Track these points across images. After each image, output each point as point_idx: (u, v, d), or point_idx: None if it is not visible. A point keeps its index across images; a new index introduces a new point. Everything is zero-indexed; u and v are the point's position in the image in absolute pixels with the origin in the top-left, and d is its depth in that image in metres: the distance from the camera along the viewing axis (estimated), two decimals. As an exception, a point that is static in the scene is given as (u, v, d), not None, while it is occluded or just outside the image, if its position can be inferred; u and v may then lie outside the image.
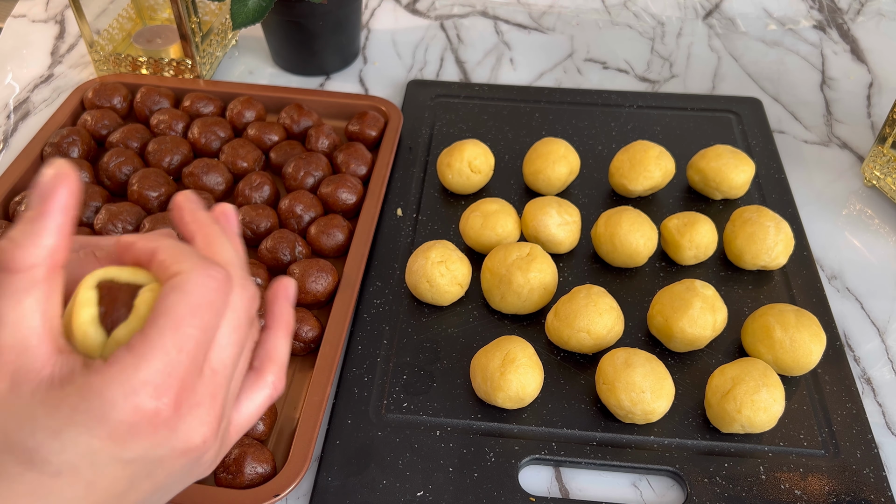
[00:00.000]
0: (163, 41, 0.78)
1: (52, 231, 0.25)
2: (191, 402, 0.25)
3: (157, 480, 0.26)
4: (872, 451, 0.48)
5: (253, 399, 0.31)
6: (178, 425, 0.25)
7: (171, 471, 0.26)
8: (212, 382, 0.26)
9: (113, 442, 0.24)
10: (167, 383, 0.25)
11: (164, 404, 0.25)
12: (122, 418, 0.24)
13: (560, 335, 0.52)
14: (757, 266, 0.58)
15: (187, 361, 0.25)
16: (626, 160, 0.63)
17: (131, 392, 0.24)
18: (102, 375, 0.24)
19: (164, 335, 0.25)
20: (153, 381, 0.24)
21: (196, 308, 0.25)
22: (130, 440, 0.24)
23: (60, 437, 0.24)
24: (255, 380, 0.31)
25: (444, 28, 0.88)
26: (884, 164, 0.66)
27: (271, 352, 0.32)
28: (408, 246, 0.61)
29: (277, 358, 0.32)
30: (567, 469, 0.49)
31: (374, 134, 0.68)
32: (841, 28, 0.88)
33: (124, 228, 0.57)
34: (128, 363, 0.24)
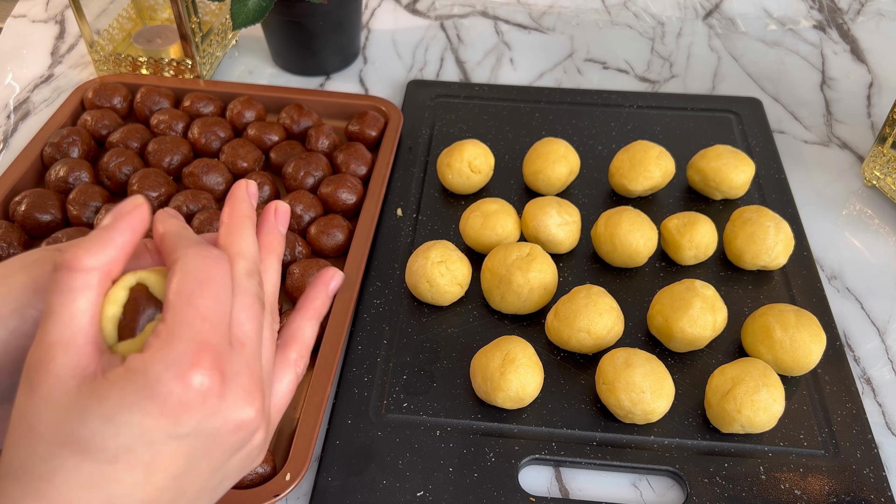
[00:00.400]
0: (163, 41, 0.78)
1: (118, 245, 0.27)
2: (231, 369, 0.26)
3: (214, 459, 0.26)
4: (872, 451, 0.48)
5: (282, 379, 0.32)
6: (226, 393, 0.26)
7: (226, 447, 0.27)
8: (243, 353, 0.27)
9: (166, 417, 0.24)
10: (202, 351, 0.25)
11: (206, 371, 0.25)
12: (170, 391, 0.24)
13: (560, 335, 0.52)
14: (757, 266, 0.58)
15: (212, 329, 0.26)
16: (626, 160, 0.63)
17: (172, 364, 0.25)
18: (142, 359, 0.25)
19: (181, 312, 0.26)
20: (189, 351, 0.25)
21: (201, 281, 0.27)
22: (182, 413, 0.25)
23: (114, 421, 0.24)
24: (281, 360, 0.32)
25: (444, 28, 0.88)
26: (884, 164, 0.66)
27: (296, 332, 0.33)
28: (408, 246, 0.61)
29: (301, 338, 0.33)
30: (567, 469, 0.49)
31: (374, 134, 0.68)
32: (841, 28, 0.88)
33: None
34: (161, 344, 0.25)
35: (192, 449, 0.25)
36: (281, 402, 0.32)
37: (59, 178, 0.62)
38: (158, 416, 0.24)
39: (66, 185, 0.62)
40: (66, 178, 0.61)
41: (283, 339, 0.33)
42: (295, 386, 0.32)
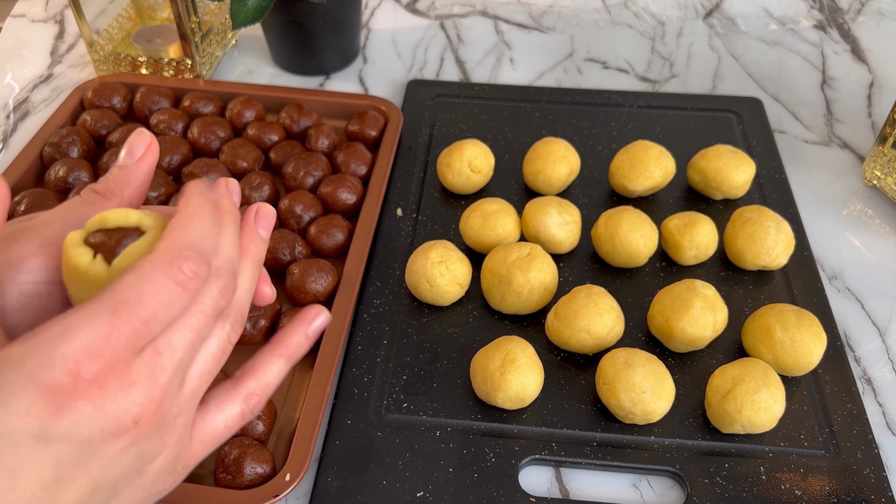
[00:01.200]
0: (162, 41, 0.78)
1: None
2: (121, 380, 0.24)
3: (92, 473, 0.24)
4: (873, 451, 0.48)
5: (224, 411, 0.29)
6: (105, 403, 0.23)
7: (106, 461, 0.24)
8: (152, 362, 0.25)
9: (32, 417, 0.22)
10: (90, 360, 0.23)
11: (86, 380, 0.23)
12: (39, 390, 0.22)
13: (560, 335, 0.52)
14: (757, 266, 0.58)
15: (119, 344, 0.24)
16: (627, 160, 0.63)
17: (50, 364, 0.23)
18: (21, 347, 0.23)
19: (99, 313, 0.24)
20: (73, 357, 0.23)
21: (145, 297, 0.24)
22: (51, 415, 0.23)
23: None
24: (229, 389, 0.30)
25: (444, 28, 0.88)
26: (884, 164, 0.66)
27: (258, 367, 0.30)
28: (408, 246, 0.61)
29: (262, 375, 0.30)
30: (567, 469, 0.49)
31: (373, 134, 0.68)
32: (841, 28, 0.88)
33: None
34: (51, 335, 0.23)
35: (62, 456, 0.23)
36: (213, 434, 0.29)
37: (58, 178, 0.62)
38: (24, 415, 0.22)
39: (66, 184, 0.61)
40: (65, 178, 0.61)
41: (243, 370, 0.30)
42: (238, 423, 0.30)
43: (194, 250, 0.26)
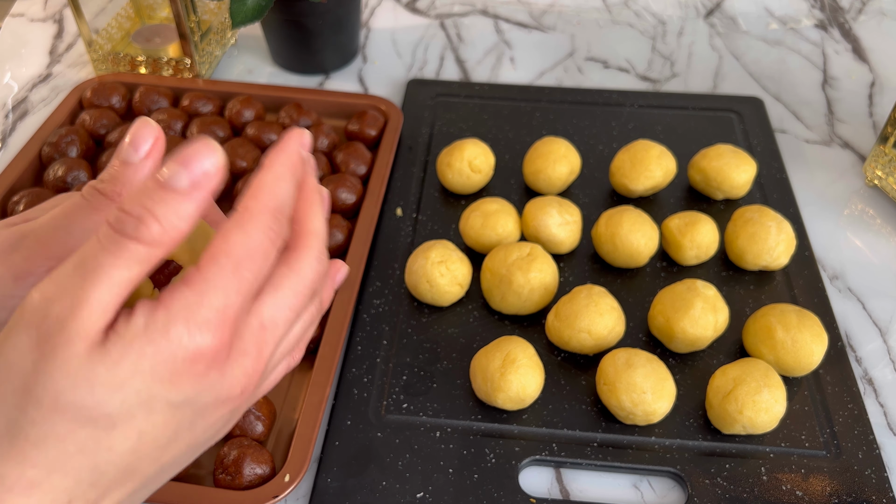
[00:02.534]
0: (161, 40, 0.78)
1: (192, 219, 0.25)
2: (240, 348, 0.25)
3: (195, 435, 0.26)
4: (874, 451, 0.48)
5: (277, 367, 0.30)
6: (227, 370, 0.25)
7: (209, 423, 0.26)
8: (259, 336, 0.26)
9: (171, 384, 0.23)
10: (224, 324, 0.24)
11: (221, 344, 0.24)
12: (184, 356, 0.23)
13: (561, 335, 0.52)
14: (758, 266, 0.58)
15: (240, 304, 0.24)
16: (627, 160, 0.62)
17: (196, 330, 0.23)
18: (167, 311, 0.23)
19: (222, 273, 0.24)
20: (214, 320, 0.23)
21: (254, 252, 0.24)
22: (185, 381, 0.24)
23: (124, 388, 0.23)
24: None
25: (444, 27, 0.87)
26: (885, 164, 0.65)
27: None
28: (408, 246, 0.61)
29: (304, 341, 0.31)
30: (568, 470, 0.48)
31: (373, 133, 0.68)
32: (843, 27, 0.88)
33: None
34: (190, 300, 0.23)
35: (182, 420, 0.25)
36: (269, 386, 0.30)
37: (57, 178, 0.61)
38: (166, 382, 0.23)
39: (65, 184, 0.61)
40: (64, 178, 0.61)
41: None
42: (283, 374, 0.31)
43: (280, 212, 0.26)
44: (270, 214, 0.25)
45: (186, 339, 0.23)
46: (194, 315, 0.23)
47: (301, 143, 0.27)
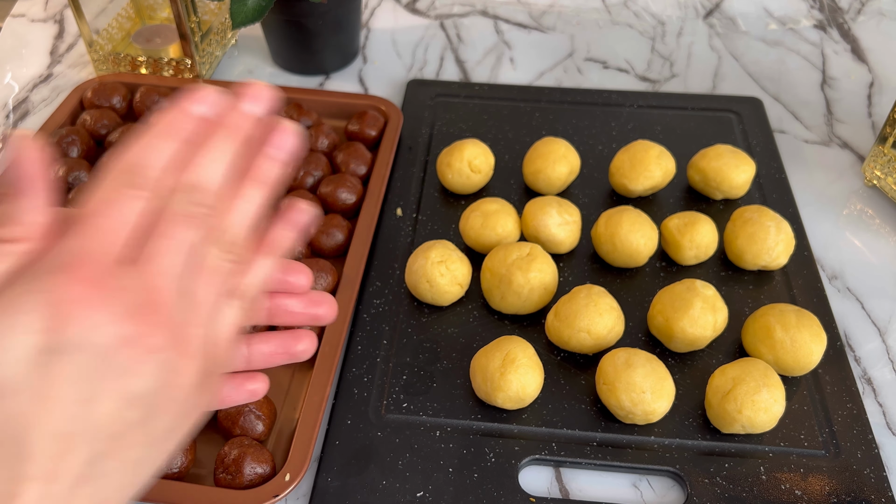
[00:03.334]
0: (162, 41, 0.78)
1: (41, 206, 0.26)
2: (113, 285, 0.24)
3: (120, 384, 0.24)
4: (873, 451, 0.48)
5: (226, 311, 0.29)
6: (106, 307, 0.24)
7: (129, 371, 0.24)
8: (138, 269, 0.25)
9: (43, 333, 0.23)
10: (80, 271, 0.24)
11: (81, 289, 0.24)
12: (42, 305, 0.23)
13: (560, 335, 0.52)
14: (757, 266, 0.58)
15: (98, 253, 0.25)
16: (627, 160, 0.63)
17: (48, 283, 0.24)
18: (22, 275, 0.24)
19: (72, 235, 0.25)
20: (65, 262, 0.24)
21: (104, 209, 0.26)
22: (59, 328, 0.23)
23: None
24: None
25: (443, 27, 0.88)
26: (884, 164, 0.65)
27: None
28: (408, 246, 0.61)
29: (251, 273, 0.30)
30: (567, 469, 0.49)
31: (373, 133, 0.68)
32: (842, 27, 0.88)
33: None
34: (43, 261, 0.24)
35: (82, 367, 0.23)
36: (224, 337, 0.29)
37: (58, 178, 0.61)
38: (38, 332, 0.23)
39: (66, 184, 0.61)
40: (65, 178, 0.61)
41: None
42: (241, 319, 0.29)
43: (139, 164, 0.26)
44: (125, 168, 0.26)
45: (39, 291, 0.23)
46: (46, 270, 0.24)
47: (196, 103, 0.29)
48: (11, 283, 0.24)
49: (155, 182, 0.27)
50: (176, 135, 0.28)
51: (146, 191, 0.26)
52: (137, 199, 0.26)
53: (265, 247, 0.31)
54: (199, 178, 0.28)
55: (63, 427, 0.23)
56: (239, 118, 0.29)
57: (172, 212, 0.26)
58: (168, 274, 0.26)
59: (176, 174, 0.27)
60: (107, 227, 0.25)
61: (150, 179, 0.27)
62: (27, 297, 0.23)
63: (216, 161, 0.28)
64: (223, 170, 0.28)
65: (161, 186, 0.27)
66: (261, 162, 0.30)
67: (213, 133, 0.28)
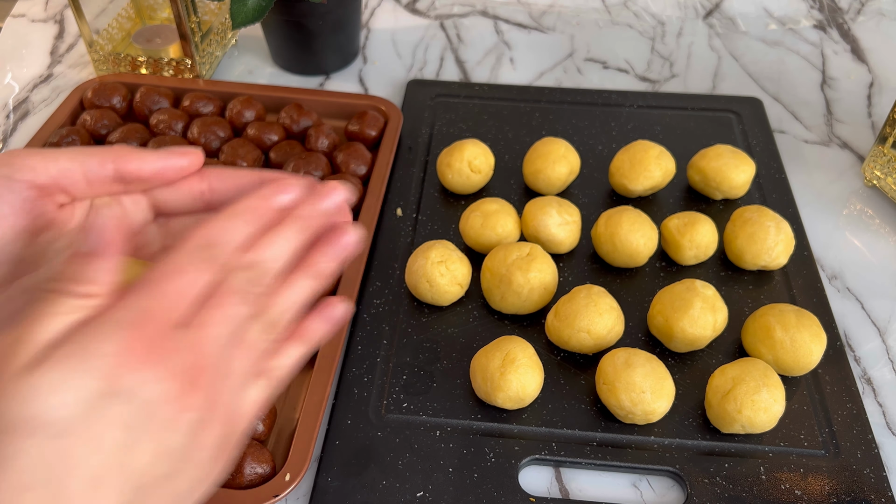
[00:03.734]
0: (162, 41, 0.78)
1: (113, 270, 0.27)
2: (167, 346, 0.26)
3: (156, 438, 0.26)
4: (873, 451, 0.48)
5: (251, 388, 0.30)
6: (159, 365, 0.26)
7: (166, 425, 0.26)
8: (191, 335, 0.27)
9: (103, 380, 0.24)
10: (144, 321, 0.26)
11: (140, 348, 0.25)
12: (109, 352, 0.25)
13: (560, 335, 0.52)
14: (757, 266, 0.58)
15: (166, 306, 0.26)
16: (627, 160, 0.63)
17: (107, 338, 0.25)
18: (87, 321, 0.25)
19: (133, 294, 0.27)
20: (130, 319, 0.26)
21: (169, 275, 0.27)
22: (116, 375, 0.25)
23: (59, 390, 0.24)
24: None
25: (444, 27, 0.88)
26: (884, 164, 0.66)
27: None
28: (408, 246, 0.61)
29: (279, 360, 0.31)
30: (567, 469, 0.49)
31: (373, 134, 0.68)
32: (841, 28, 0.88)
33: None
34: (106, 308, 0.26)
35: (129, 416, 0.25)
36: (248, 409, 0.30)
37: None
38: (99, 380, 0.24)
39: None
40: (65, 178, 0.61)
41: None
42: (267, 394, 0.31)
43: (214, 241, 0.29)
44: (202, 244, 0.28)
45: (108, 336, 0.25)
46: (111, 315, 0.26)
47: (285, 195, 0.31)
48: (82, 331, 0.25)
49: (225, 259, 0.29)
50: (254, 220, 0.30)
51: (216, 266, 0.28)
52: (206, 273, 0.28)
53: (299, 335, 0.32)
54: (263, 259, 0.29)
55: (100, 472, 0.24)
56: (312, 212, 0.31)
57: (231, 286, 0.28)
58: (215, 342, 0.28)
59: (243, 252, 0.29)
60: (174, 292, 0.27)
61: (221, 256, 0.29)
62: (97, 346, 0.25)
63: (281, 248, 0.30)
64: (285, 257, 0.30)
65: (229, 263, 0.29)
66: (319, 257, 0.32)
67: (286, 222, 0.31)
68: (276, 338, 0.31)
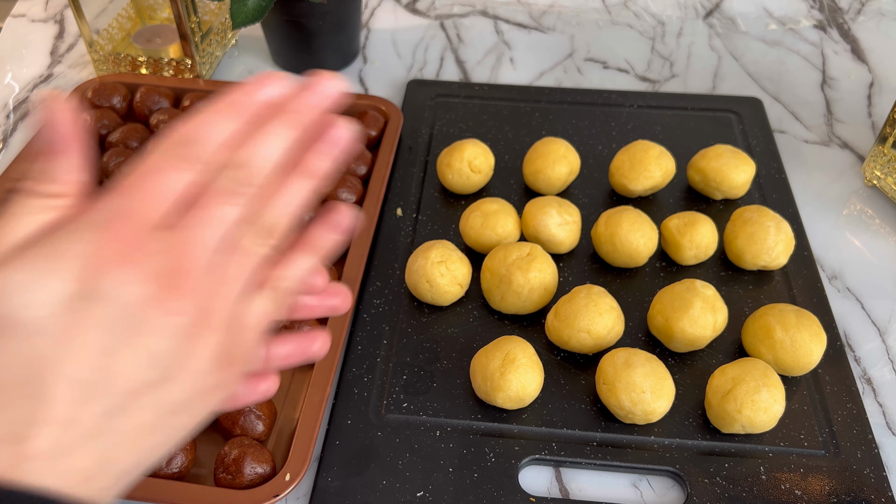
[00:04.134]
0: (162, 41, 0.78)
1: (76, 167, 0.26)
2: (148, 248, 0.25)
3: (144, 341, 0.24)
4: (873, 451, 0.48)
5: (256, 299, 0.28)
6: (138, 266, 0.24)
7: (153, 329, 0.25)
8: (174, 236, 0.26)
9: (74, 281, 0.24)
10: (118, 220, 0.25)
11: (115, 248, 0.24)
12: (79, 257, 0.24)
13: (560, 335, 0.52)
14: (757, 266, 0.58)
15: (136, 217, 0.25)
16: (627, 160, 0.63)
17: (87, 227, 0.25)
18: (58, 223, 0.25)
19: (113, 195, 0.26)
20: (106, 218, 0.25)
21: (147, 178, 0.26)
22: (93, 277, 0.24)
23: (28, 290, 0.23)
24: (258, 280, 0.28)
25: (444, 27, 0.88)
26: (884, 164, 0.66)
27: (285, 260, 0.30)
28: (408, 246, 0.61)
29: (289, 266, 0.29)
30: (567, 469, 0.49)
31: (373, 134, 0.68)
32: (841, 28, 0.88)
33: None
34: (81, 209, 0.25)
35: (107, 319, 0.24)
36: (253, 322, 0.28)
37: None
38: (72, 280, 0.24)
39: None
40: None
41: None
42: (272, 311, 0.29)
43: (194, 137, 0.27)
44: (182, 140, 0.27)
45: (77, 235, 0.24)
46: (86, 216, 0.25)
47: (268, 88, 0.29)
48: (53, 233, 0.24)
49: (208, 157, 0.27)
50: (238, 114, 0.28)
51: (198, 164, 0.27)
52: (187, 171, 0.26)
53: (305, 245, 0.30)
54: (251, 158, 0.27)
55: (84, 375, 0.24)
56: (302, 106, 0.29)
57: (217, 187, 0.27)
58: (201, 245, 0.26)
59: (230, 152, 0.27)
60: (152, 192, 0.26)
61: (203, 154, 0.27)
62: (68, 246, 0.24)
63: (271, 145, 0.28)
64: (276, 155, 0.28)
65: (213, 162, 0.27)
66: (312, 155, 0.29)
67: (274, 117, 0.28)
68: (277, 245, 0.29)
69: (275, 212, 0.28)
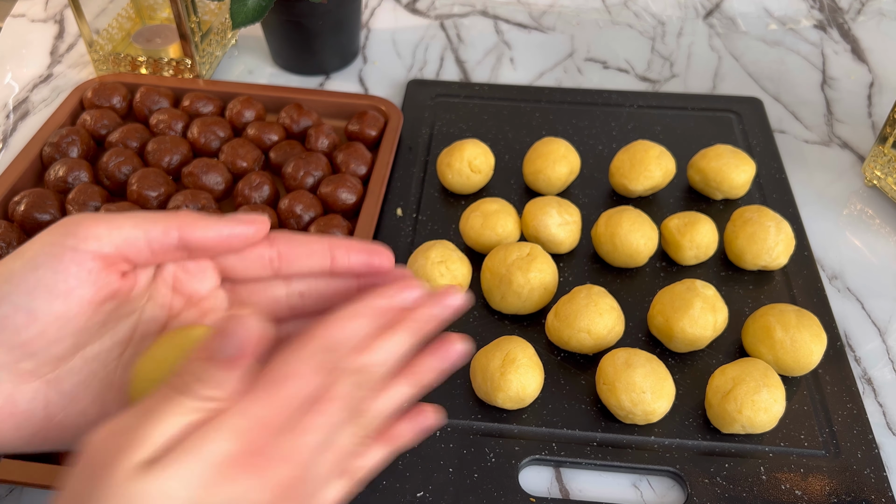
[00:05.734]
0: (162, 41, 0.78)
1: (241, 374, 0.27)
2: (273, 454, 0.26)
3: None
4: (873, 451, 0.48)
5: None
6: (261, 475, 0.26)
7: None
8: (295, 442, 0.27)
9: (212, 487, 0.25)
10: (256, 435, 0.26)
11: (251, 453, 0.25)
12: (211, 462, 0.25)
13: (560, 335, 0.52)
14: (758, 266, 0.58)
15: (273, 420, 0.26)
16: (627, 160, 0.63)
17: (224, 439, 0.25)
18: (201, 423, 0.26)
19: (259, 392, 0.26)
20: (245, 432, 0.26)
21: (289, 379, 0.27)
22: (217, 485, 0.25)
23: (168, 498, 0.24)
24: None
25: (444, 27, 0.88)
26: (884, 164, 0.65)
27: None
28: (408, 246, 0.61)
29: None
30: (567, 469, 0.49)
31: (373, 134, 0.68)
32: (842, 28, 0.88)
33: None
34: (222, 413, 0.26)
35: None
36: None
37: (58, 178, 0.61)
38: (197, 488, 0.24)
39: (66, 184, 0.61)
40: (65, 178, 0.61)
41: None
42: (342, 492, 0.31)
43: (335, 345, 0.28)
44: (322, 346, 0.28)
45: (211, 447, 0.25)
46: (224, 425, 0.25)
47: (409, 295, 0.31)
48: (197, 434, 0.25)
49: (341, 364, 0.28)
50: (375, 318, 0.29)
51: (334, 372, 0.28)
52: (323, 378, 0.28)
53: (386, 438, 0.32)
54: (373, 363, 0.29)
55: None
56: (427, 316, 0.31)
57: (337, 391, 0.28)
58: (310, 450, 0.27)
59: (357, 353, 0.29)
60: (288, 398, 0.27)
61: (339, 361, 0.28)
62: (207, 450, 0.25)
63: (392, 351, 0.29)
64: (394, 360, 0.30)
65: (341, 366, 0.28)
66: (423, 365, 0.31)
67: (401, 323, 0.30)
68: (364, 439, 0.30)
69: (375, 412, 0.30)
